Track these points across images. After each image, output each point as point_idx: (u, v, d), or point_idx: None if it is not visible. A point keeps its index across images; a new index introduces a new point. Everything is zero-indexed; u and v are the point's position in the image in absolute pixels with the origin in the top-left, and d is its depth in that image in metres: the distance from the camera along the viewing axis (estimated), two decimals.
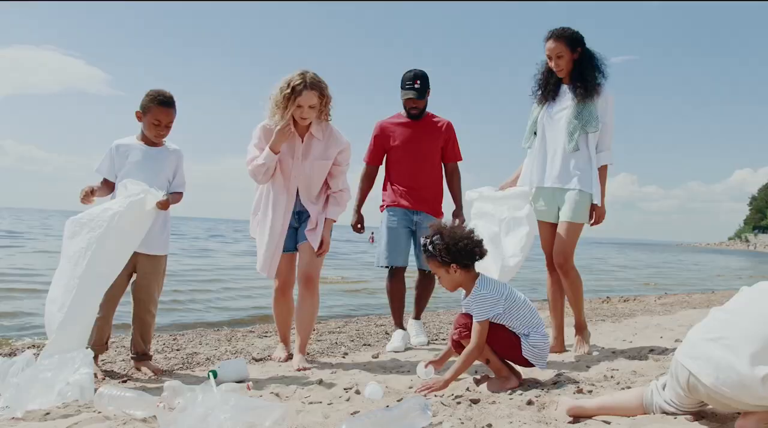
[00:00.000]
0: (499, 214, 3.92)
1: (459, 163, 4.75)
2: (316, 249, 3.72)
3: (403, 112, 4.66)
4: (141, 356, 3.55)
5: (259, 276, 3.91)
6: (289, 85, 3.50)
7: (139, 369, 3.52)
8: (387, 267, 4.57)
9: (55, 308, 3.01)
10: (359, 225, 4.67)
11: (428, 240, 3.05)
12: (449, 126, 4.68)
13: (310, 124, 3.68)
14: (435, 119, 4.69)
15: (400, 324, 4.61)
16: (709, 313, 2.28)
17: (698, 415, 2.31)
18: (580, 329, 4.09)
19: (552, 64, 3.96)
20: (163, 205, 3.35)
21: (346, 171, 3.86)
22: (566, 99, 3.98)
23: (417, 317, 4.78)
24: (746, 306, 2.17)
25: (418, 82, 4.54)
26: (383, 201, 4.72)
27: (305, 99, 3.50)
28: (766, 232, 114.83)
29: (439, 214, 4.60)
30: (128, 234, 3.19)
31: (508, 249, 3.78)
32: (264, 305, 3.33)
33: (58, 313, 2.99)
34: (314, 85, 3.52)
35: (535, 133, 4.12)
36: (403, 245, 4.56)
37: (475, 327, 2.97)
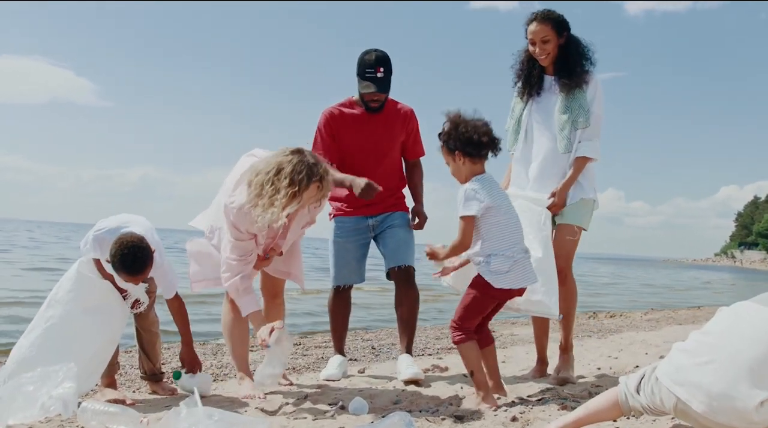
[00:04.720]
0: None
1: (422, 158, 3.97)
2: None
3: (355, 97, 3.79)
4: (152, 375, 3.35)
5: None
6: (295, 178, 2.77)
7: (155, 392, 3.35)
8: (335, 287, 3.86)
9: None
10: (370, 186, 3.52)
11: (443, 128, 3.01)
12: (411, 115, 3.85)
13: None
14: (398, 107, 3.84)
15: (339, 349, 3.94)
16: (689, 336, 2.23)
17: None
18: (566, 350, 3.66)
19: (535, 50, 3.49)
20: (193, 365, 3.28)
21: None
22: (552, 92, 3.55)
23: (407, 350, 3.78)
24: (730, 329, 2.12)
25: (382, 69, 3.63)
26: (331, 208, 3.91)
27: (309, 194, 2.85)
28: (752, 249, 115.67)
29: (404, 208, 3.91)
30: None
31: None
32: None
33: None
34: (320, 177, 2.84)
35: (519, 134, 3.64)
36: (352, 261, 3.83)
37: (459, 224, 2.92)
